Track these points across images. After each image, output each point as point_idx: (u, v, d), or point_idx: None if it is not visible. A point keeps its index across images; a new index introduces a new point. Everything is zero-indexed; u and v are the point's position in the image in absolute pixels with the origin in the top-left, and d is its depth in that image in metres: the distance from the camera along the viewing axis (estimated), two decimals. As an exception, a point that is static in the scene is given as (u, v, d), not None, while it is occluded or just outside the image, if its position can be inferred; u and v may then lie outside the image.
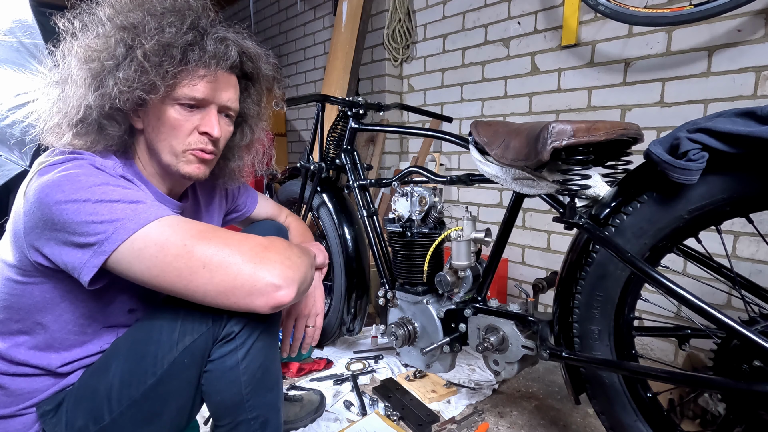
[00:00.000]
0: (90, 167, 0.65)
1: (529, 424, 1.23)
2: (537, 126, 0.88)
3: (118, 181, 0.66)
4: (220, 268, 0.62)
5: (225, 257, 0.62)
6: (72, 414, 0.69)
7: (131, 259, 0.61)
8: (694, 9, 1.33)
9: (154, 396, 0.69)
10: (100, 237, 0.60)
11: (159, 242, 0.61)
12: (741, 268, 1.43)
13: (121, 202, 0.62)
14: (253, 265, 0.63)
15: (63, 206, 0.60)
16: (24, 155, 1.70)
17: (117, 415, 0.68)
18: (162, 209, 0.65)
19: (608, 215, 0.88)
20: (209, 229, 0.65)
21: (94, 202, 0.60)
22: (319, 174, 1.54)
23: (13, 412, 0.70)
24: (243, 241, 0.65)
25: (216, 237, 0.64)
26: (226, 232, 0.67)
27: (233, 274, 0.62)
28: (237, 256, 0.63)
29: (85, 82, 0.69)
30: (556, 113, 1.88)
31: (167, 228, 0.62)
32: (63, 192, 0.60)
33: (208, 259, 0.61)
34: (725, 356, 0.79)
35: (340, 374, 1.47)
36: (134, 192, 0.66)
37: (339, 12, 2.53)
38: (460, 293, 1.21)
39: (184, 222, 0.65)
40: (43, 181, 0.62)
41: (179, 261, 0.61)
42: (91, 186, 0.62)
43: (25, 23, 1.77)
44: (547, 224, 1.94)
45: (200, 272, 0.61)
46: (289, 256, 0.67)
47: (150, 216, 0.62)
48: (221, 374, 0.70)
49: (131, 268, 0.62)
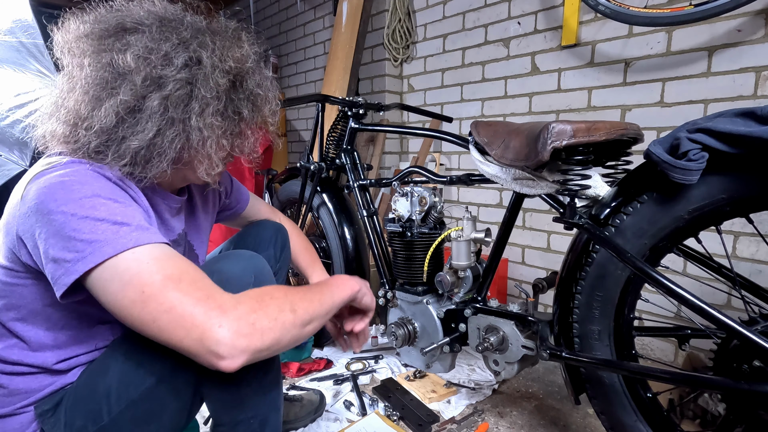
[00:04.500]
0: (87, 172, 0.64)
1: (529, 424, 1.23)
2: (537, 126, 0.88)
3: (111, 192, 0.64)
4: (168, 327, 0.59)
5: (176, 317, 0.58)
6: (71, 413, 0.69)
7: (99, 286, 0.60)
8: (694, 9, 1.33)
9: (153, 396, 0.69)
10: (77, 255, 0.59)
11: (123, 280, 0.59)
12: (741, 268, 1.43)
13: (104, 222, 0.60)
14: (201, 333, 0.58)
15: (52, 216, 0.59)
16: (24, 155, 1.70)
17: (116, 415, 0.68)
18: (144, 234, 0.62)
19: (608, 215, 0.88)
20: (180, 273, 0.61)
21: (80, 218, 0.59)
22: (319, 174, 1.54)
23: (10, 411, 0.70)
24: (209, 297, 0.60)
25: (179, 287, 0.59)
26: (198, 276, 0.62)
27: (178, 338, 0.59)
28: (189, 319, 0.58)
29: (167, 126, 0.68)
30: (556, 113, 1.88)
31: (134, 264, 0.59)
32: (55, 201, 0.60)
33: (158, 315, 0.58)
34: (725, 356, 0.79)
35: (340, 374, 1.47)
36: (122, 209, 0.63)
37: (339, 12, 2.53)
38: (460, 293, 1.21)
39: (156, 260, 0.61)
40: (40, 186, 0.61)
41: (134, 307, 0.59)
42: (81, 198, 0.60)
43: (25, 23, 1.77)
44: (547, 224, 1.94)
45: (150, 325, 0.59)
46: (256, 320, 0.61)
47: (128, 242, 0.60)
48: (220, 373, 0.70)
49: (97, 295, 0.61)
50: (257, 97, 0.76)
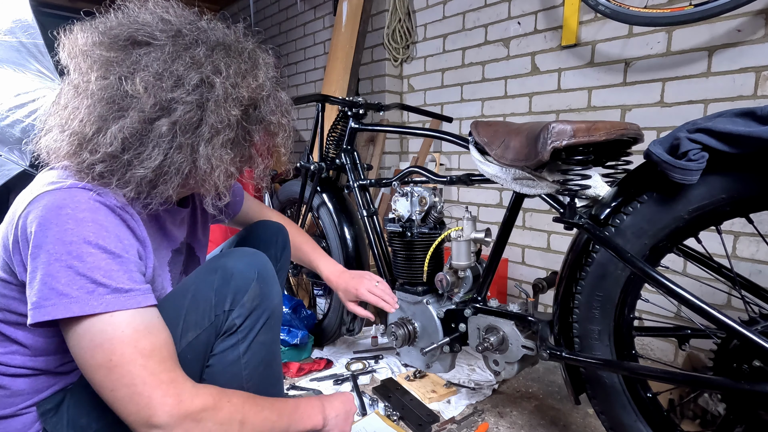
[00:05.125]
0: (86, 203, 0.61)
1: (529, 424, 1.23)
2: (537, 126, 0.88)
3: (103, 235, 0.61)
4: (123, 400, 0.59)
5: (133, 393, 0.58)
6: (74, 412, 0.70)
7: (70, 335, 0.60)
8: (694, 9, 1.33)
9: None
10: (49, 302, 0.58)
11: (95, 341, 0.59)
12: (741, 268, 1.43)
13: (83, 278, 0.58)
14: (149, 417, 0.58)
15: (39, 252, 0.59)
16: (24, 155, 1.70)
17: None
18: (119, 299, 0.60)
19: (608, 215, 0.88)
20: (152, 349, 0.60)
21: (61, 267, 0.58)
22: (319, 174, 1.54)
23: (13, 412, 0.70)
24: (172, 381, 0.60)
25: (146, 365, 0.59)
26: (168, 354, 0.62)
27: (127, 412, 0.59)
28: (146, 400, 0.58)
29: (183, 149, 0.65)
30: (556, 113, 1.88)
31: (110, 329, 0.59)
32: (46, 237, 0.59)
33: (118, 386, 0.59)
34: (725, 356, 0.79)
35: (340, 374, 1.47)
36: (107, 263, 0.60)
37: (339, 12, 2.53)
38: (460, 293, 1.21)
39: (134, 330, 0.60)
40: (38, 214, 0.60)
41: (98, 371, 0.59)
42: (71, 242, 0.59)
43: (25, 23, 1.77)
44: (547, 224, 1.94)
45: (107, 392, 0.59)
46: (203, 418, 0.61)
47: (97, 307, 0.58)
48: (223, 369, 0.71)
49: (67, 341, 0.61)
50: (270, 124, 0.74)
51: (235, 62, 0.68)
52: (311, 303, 1.96)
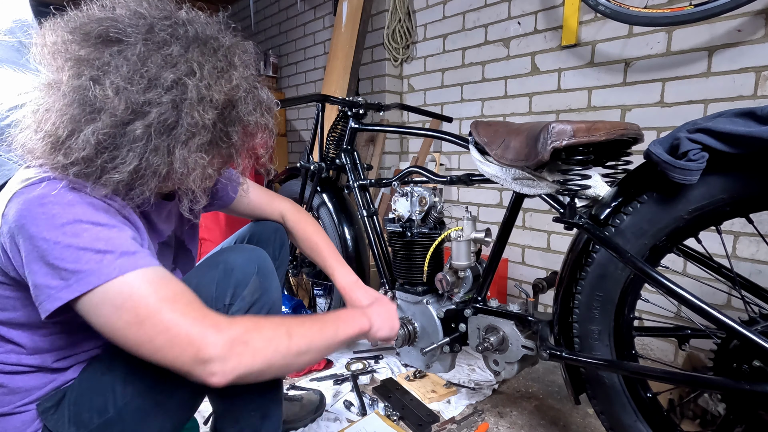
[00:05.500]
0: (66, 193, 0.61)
1: (529, 424, 1.23)
2: (537, 126, 0.88)
3: (92, 213, 0.61)
4: (165, 347, 0.59)
5: (172, 337, 0.59)
6: (75, 408, 0.70)
7: (88, 309, 0.60)
8: (694, 9, 1.33)
9: (158, 388, 0.69)
10: (60, 284, 0.58)
11: (116, 304, 0.59)
12: (741, 268, 1.43)
13: (87, 251, 0.59)
14: (196, 351, 0.59)
15: (35, 242, 0.58)
16: (24, 155, 1.70)
17: (122, 407, 0.69)
18: (130, 260, 0.60)
19: (608, 215, 0.88)
20: (174, 294, 0.61)
21: (62, 247, 0.58)
22: (319, 174, 1.54)
23: (11, 409, 0.70)
24: (205, 317, 0.61)
25: (174, 308, 0.60)
26: (192, 297, 0.63)
27: (173, 357, 0.59)
28: (186, 338, 0.59)
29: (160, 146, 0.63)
30: (556, 113, 1.88)
31: (126, 289, 0.59)
32: (37, 226, 0.58)
33: (155, 335, 0.59)
34: (725, 356, 0.79)
35: (340, 374, 1.47)
36: (106, 233, 0.61)
37: (339, 12, 2.53)
38: (460, 293, 1.21)
39: (150, 283, 0.60)
40: (20, 207, 0.59)
41: (129, 329, 0.59)
42: (63, 224, 0.59)
43: (25, 23, 1.77)
44: (547, 224, 1.94)
45: (145, 345, 0.60)
46: (250, 339, 0.62)
47: (113, 272, 0.59)
48: None
49: (87, 317, 0.60)
50: (248, 124, 0.71)
51: (210, 61, 0.66)
52: (311, 303, 1.95)
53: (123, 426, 0.69)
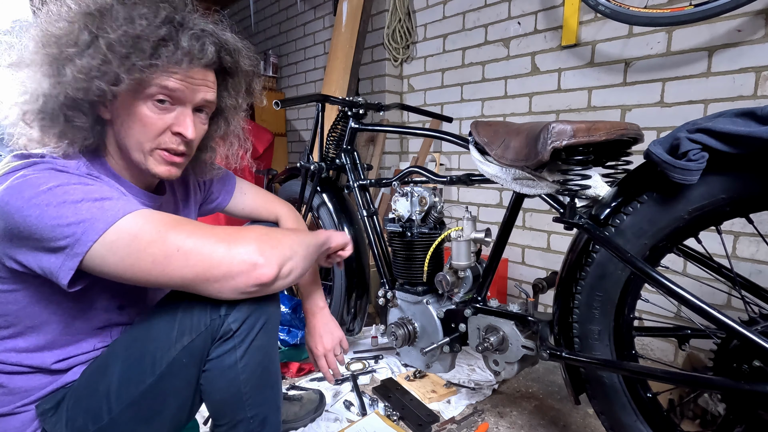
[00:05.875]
0: (49, 170, 0.62)
1: (529, 424, 1.23)
2: (537, 126, 0.88)
3: (79, 180, 0.63)
4: (194, 249, 0.62)
5: (198, 240, 0.62)
6: (72, 412, 0.69)
7: (104, 252, 0.60)
8: (694, 9, 1.33)
9: (152, 395, 0.68)
10: (69, 240, 0.58)
11: (132, 232, 0.60)
12: (741, 268, 1.43)
13: (84, 201, 0.60)
14: (227, 245, 0.63)
15: (25, 213, 0.58)
16: (24, 155, 1.70)
17: (116, 415, 0.68)
18: (130, 203, 0.63)
19: (608, 215, 0.88)
20: (180, 218, 0.66)
21: (56, 205, 0.58)
22: (319, 174, 1.54)
23: (11, 410, 0.70)
24: (215, 227, 0.66)
25: (188, 224, 0.65)
26: (198, 222, 0.67)
27: (207, 255, 0.62)
28: (210, 237, 0.63)
29: (41, 68, 0.65)
30: (556, 113, 1.88)
31: (139, 219, 0.62)
32: (23, 198, 0.58)
33: (182, 243, 0.61)
34: (725, 356, 0.79)
35: (340, 374, 1.47)
36: (98, 188, 0.63)
37: (339, 12, 2.53)
38: (460, 293, 1.21)
39: (155, 213, 0.64)
40: (3, 189, 0.59)
41: (153, 247, 0.60)
42: (51, 189, 0.59)
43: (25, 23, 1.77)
44: (547, 224, 1.94)
45: (175, 256, 0.61)
46: (267, 233, 0.68)
47: (118, 212, 0.61)
48: (220, 373, 0.70)
49: (105, 262, 0.60)
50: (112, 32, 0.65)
51: None
52: (311, 303, 1.95)
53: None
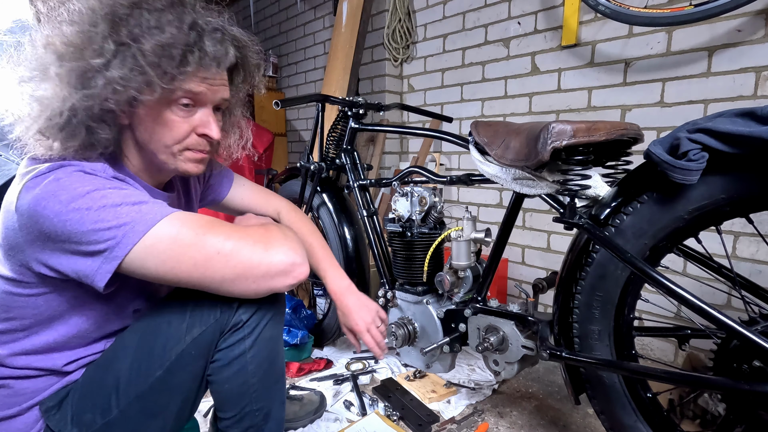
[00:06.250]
0: (80, 173, 0.63)
1: (529, 424, 1.23)
2: (537, 126, 0.88)
3: (113, 184, 0.64)
4: (234, 252, 0.64)
5: (236, 242, 0.64)
6: (78, 408, 0.70)
7: (144, 256, 0.61)
8: (694, 9, 1.33)
9: (161, 388, 0.69)
10: (110, 243, 0.60)
11: (171, 236, 0.62)
12: (741, 268, 1.43)
13: (123, 205, 0.61)
14: (264, 246, 0.66)
15: (64, 217, 0.58)
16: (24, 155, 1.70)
17: (125, 407, 0.69)
18: (164, 206, 0.65)
19: (608, 215, 0.88)
20: (212, 219, 0.67)
21: (97, 210, 0.59)
22: (319, 174, 1.54)
23: (16, 411, 0.70)
24: (246, 228, 0.68)
25: (221, 225, 0.66)
26: (227, 223, 0.69)
27: (247, 257, 0.64)
28: (247, 239, 0.65)
29: (68, 81, 0.63)
30: (556, 113, 1.88)
31: (176, 222, 0.63)
32: (61, 202, 0.58)
33: (221, 245, 0.63)
34: (725, 356, 0.79)
35: (340, 374, 1.47)
36: (132, 192, 0.64)
37: (339, 12, 2.53)
38: (460, 293, 1.21)
39: (188, 215, 0.65)
40: (36, 194, 0.59)
41: (193, 250, 0.62)
42: (89, 193, 0.60)
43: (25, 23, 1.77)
44: (547, 224, 1.94)
45: (215, 258, 0.63)
46: (287, 235, 0.71)
47: (156, 216, 0.62)
48: (228, 363, 0.72)
49: (145, 265, 0.62)
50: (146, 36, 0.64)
51: None
52: (311, 303, 1.96)
53: (125, 427, 0.69)
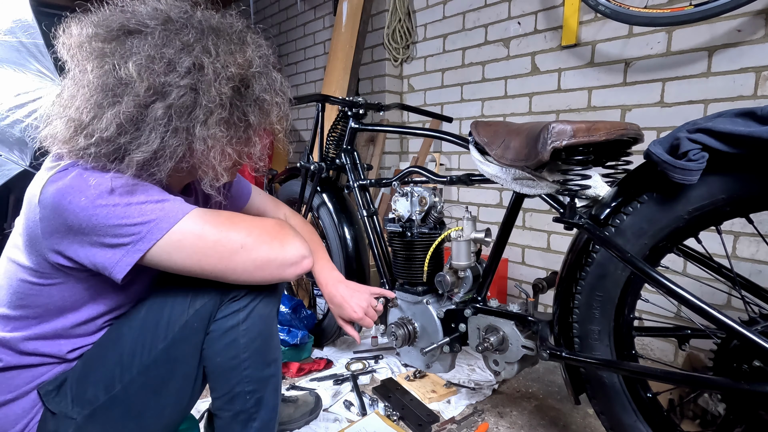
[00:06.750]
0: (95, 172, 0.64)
1: (529, 424, 1.23)
2: (537, 126, 0.88)
3: (135, 181, 0.65)
4: (255, 246, 0.69)
5: (257, 237, 0.70)
6: (78, 388, 0.71)
7: (170, 250, 0.64)
8: (694, 9, 1.33)
9: (164, 359, 0.71)
10: (134, 237, 0.62)
11: (195, 232, 0.65)
12: (741, 268, 1.43)
13: (148, 203, 0.64)
14: (280, 242, 0.72)
15: (91, 212, 0.61)
16: (24, 155, 1.70)
17: (128, 382, 0.70)
18: (183, 203, 0.67)
19: (608, 215, 0.88)
20: (230, 214, 0.71)
21: (124, 206, 0.62)
22: (319, 174, 1.54)
23: (13, 396, 0.71)
24: (263, 223, 0.73)
25: (241, 221, 0.71)
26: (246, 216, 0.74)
27: (267, 251, 0.70)
28: (265, 235, 0.71)
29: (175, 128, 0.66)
30: (556, 113, 1.88)
31: (198, 219, 0.66)
32: (87, 197, 0.61)
33: (244, 240, 0.68)
34: (725, 356, 0.79)
35: (340, 374, 1.47)
36: (155, 190, 0.66)
37: (339, 12, 2.53)
38: (460, 293, 1.21)
39: (208, 212, 0.69)
40: (59, 187, 0.62)
41: (219, 245, 0.66)
42: (114, 188, 0.62)
43: (25, 23, 1.77)
44: (547, 224, 1.94)
45: (239, 252, 0.68)
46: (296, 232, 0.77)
47: (179, 213, 0.65)
48: (221, 334, 0.74)
49: (171, 258, 0.65)
50: (264, 102, 0.74)
51: (224, 42, 0.70)
52: (311, 303, 1.95)
53: (128, 403, 0.70)
